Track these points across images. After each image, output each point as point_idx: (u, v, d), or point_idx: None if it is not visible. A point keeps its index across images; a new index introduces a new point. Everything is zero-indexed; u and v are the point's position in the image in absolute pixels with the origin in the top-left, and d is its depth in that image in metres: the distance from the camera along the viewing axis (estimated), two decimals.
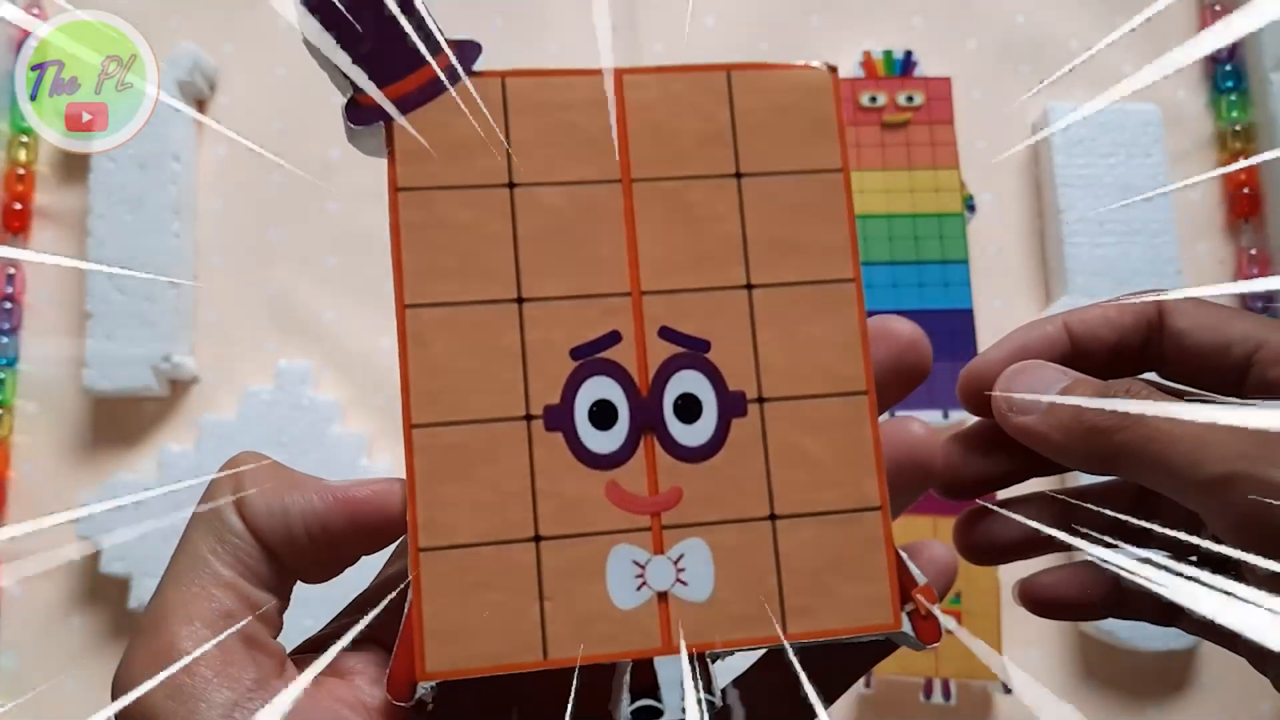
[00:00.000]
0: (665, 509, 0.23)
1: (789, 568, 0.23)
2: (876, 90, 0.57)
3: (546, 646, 0.22)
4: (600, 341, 0.23)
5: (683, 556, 0.23)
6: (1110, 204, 0.57)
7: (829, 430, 0.24)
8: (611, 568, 0.23)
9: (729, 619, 0.23)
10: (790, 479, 0.23)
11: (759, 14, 0.62)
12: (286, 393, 0.53)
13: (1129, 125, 0.58)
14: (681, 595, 0.23)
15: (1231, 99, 0.61)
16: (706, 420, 0.23)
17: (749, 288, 0.24)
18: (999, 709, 0.53)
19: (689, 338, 0.24)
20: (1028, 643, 0.54)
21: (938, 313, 0.55)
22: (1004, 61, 0.62)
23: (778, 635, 0.23)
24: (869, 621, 0.23)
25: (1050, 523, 0.27)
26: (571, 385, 0.23)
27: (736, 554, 0.23)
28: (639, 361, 0.23)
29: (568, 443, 0.23)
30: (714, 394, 0.23)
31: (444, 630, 0.22)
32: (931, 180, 0.56)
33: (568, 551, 0.23)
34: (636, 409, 0.23)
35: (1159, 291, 0.27)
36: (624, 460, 0.23)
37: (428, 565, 0.22)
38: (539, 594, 0.22)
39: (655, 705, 0.22)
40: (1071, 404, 0.25)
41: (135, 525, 0.51)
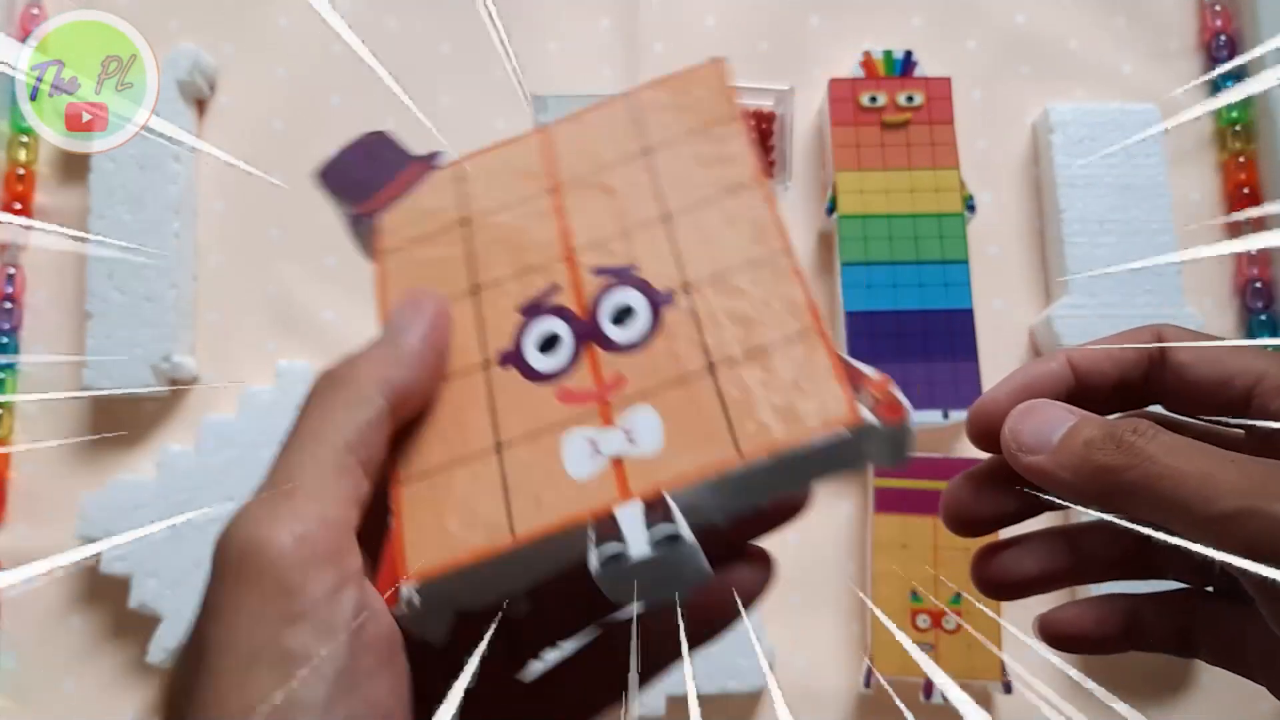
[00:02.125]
0: (610, 393, 0.26)
1: (734, 402, 0.25)
2: (876, 90, 0.57)
3: (513, 526, 0.24)
4: (543, 294, 0.28)
5: (631, 423, 0.25)
6: (1110, 204, 0.57)
7: (751, 290, 0.27)
8: (566, 448, 0.25)
9: (682, 460, 0.24)
10: (723, 336, 0.26)
11: (759, 14, 0.62)
12: (286, 393, 0.53)
13: (1129, 125, 0.58)
14: (633, 454, 0.25)
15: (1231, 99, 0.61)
16: (640, 319, 0.27)
17: (665, 217, 0.29)
18: (999, 709, 0.53)
19: (617, 267, 0.28)
20: (1027, 643, 0.54)
21: (938, 313, 0.55)
22: (1004, 61, 0.62)
23: (734, 459, 0.24)
24: (828, 419, 0.24)
25: (1063, 557, 0.28)
26: (521, 331, 0.28)
27: (682, 408, 0.25)
28: (577, 296, 0.28)
29: (520, 371, 0.27)
30: (644, 298, 0.27)
31: (421, 539, 0.25)
32: (931, 180, 0.56)
33: (525, 447, 0.26)
34: (578, 329, 0.27)
35: (1161, 326, 0.28)
36: (569, 369, 0.27)
37: (405, 494, 0.26)
38: (504, 488, 0.25)
39: (620, 550, 0.23)
40: (1079, 443, 0.25)
41: (135, 525, 0.51)
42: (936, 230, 0.56)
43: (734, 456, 0.24)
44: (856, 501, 0.56)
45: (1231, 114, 0.61)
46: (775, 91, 0.56)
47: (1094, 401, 0.27)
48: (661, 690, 0.51)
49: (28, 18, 0.59)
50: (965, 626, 0.51)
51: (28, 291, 0.57)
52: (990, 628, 0.51)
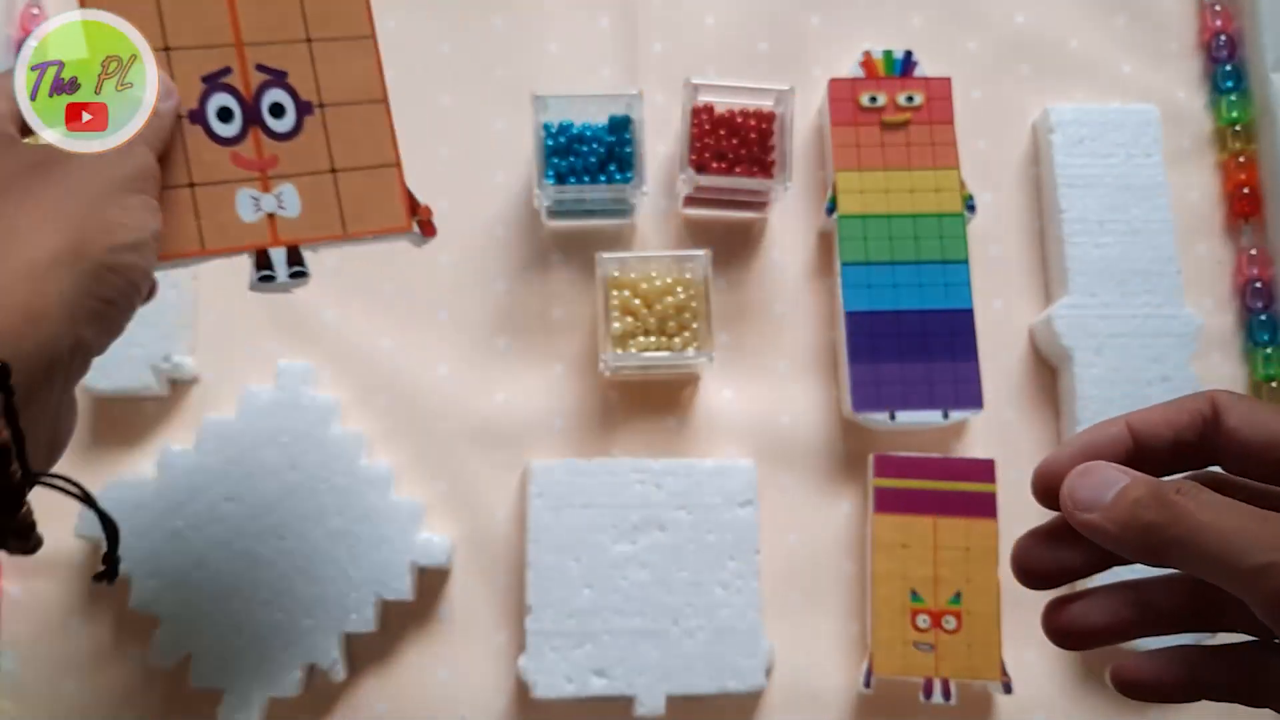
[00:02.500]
0: (269, 168, 0.40)
1: (344, 195, 0.41)
2: (877, 90, 0.57)
3: (203, 242, 0.39)
4: (218, 72, 0.40)
5: (281, 193, 0.40)
6: (1110, 204, 0.57)
7: (363, 123, 0.42)
8: (238, 199, 0.40)
9: (310, 225, 0.41)
10: (342, 148, 0.41)
11: (759, 14, 0.62)
12: (286, 392, 0.53)
13: (1129, 125, 0.58)
14: (281, 214, 0.40)
15: (1231, 99, 0.61)
16: (289, 118, 0.41)
17: (309, 40, 0.41)
18: (999, 709, 0.53)
19: (274, 70, 0.40)
20: (1027, 643, 0.54)
21: (938, 312, 0.55)
22: (1004, 61, 0.62)
23: (340, 234, 0.41)
24: (393, 224, 0.42)
25: (1129, 610, 0.30)
26: (202, 98, 0.39)
27: (313, 191, 0.41)
28: (244, 83, 0.40)
29: (205, 131, 0.39)
30: (293, 102, 0.41)
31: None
32: (932, 180, 0.56)
33: (210, 191, 0.39)
34: (245, 111, 0.40)
35: (1216, 392, 0.30)
36: (240, 141, 0.40)
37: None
38: (195, 214, 0.39)
39: (270, 274, 0.40)
40: (1128, 501, 0.28)
41: (135, 524, 0.51)
42: (937, 230, 0.56)
43: (340, 233, 0.41)
44: (856, 501, 0.56)
45: (1231, 114, 0.61)
46: (775, 91, 0.56)
47: (1153, 463, 0.30)
48: (662, 690, 0.51)
49: (28, 17, 0.59)
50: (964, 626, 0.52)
51: None
52: (990, 628, 0.52)
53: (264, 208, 0.40)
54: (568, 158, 0.55)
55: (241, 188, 0.39)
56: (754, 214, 0.59)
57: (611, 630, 0.51)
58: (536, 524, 0.52)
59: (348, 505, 0.52)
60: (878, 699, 0.53)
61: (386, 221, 0.42)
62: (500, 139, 0.59)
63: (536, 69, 0.61)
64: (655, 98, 0.59)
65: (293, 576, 0.51)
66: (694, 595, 0.52)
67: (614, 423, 0.56)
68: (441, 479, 0.55)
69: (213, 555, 0.51)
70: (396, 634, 0.53)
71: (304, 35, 0.41)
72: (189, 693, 0.51)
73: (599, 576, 0.52)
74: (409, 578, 0.51)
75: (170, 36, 0.39)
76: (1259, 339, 0.58)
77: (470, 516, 0.55)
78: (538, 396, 0.56)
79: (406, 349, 0.57)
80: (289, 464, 0.52)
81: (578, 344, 0.57)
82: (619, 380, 0.57)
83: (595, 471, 0.53)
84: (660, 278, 0.54)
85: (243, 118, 0.40)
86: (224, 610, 0.50)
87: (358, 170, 0.41)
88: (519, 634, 0.53)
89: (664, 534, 0.53)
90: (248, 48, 0.40)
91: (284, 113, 0.40)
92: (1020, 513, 0.55)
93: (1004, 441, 0.56)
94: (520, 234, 0.59)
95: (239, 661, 0.50)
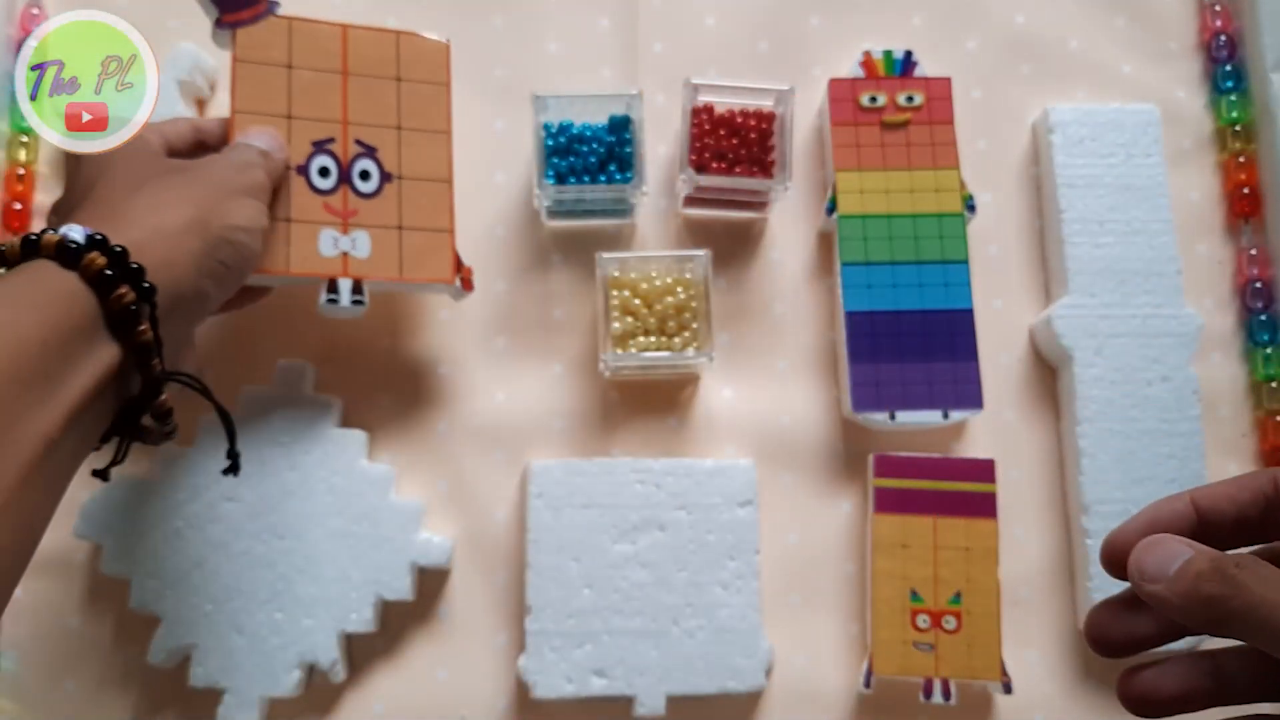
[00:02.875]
0: (350, 217, 0.50)
1: (405, 248, 0.51)
2: (877, 90, 0.57)
3: (289, 264, 0.49)
4: (325, 140, 0.51)
5: (356, 238, 0.50)
6: (1110, 204, 0.57)
7: (430, 196, 0.52)
8: (321, 237, 0.50)
9: (374, 266, 0.50)
10: (410, 212, 0.52)
11: (759, 14, 0.62)
12: (287, 392, 0.53)
13: (1129, 125, 0.58)
14: (353, 254, 0.50)
15: (1231, 99, 0.61)
16: (373, 183, 0.51)
17: (399, 128, 0.52)
18: (999, 709, 0.53)
19: (368, 145, 0.51)
20: (1027, 643, 0.54)
21: (938, 312, 0.55)
22: (1004, 62, 0.62)
23: (398, 276, 0.51)
24: (440, 277, 0.52)
25: (1204, 678, 0.31)
26: (309, 157, 0.50)
27: (382, 241, 0.51)
28: (343, 151, 0.51)
29: (306, 182, 0.50)
30: (379, 171, 0.51)
31: None
32: (932, 180, 0.56)
33: (302, 227, 0.49)
34: (340, 172, 0.51)
35: (1277, 470, 0.32)
36: (332, 194, 0.50)
37: None
38: (287, 243, 0.49)
39: (335, 298, 0.49)
40: (1192, 574, 0.29)
41: (135, 525, 0.51)
42: (937, 230, 0.56)
43: (397, 275, 0.51)
44: (856, 501, 0.56)
45: (1231, 114, 0.61)
46: (775, 91, 0.56)
47: (1218, 537, 0.31)
48: (662, 690, 0.51)
49: (28, 18, 0.59)
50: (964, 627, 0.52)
51: None
52: (990, 628, 0.52)
53: (340, 247, 0.50)
54: (568, 158, 0.55)
55: (326, 228, 0.50)
56: (754, 214, 0.59)
57: (611, 630, 0.51)
58: (536, 524, 0.52)
59: (348, 505, 0.52)
60: (878, 699, 0.53)
61: (435, 274, 0.51)
62: (500, 139, 0.59)
63: (537, 69, 0.61)
64: (655, 98, 0.59)
65: (292, 576, 0.51)
66: (694, 595, 0.52)
67: (614, 423, 0.56)
68: (441, 479, 0.55)
69: (213, 555, 0.51)
70: (396, 634, 0.53)
71: (396, 124, 0.52)
72: (189, 692, 0.51)
73: (599, 577, 0.52)
74: (409, 578, 0.51)
75: (294, 108, 0.50)
76: (1259, 339, 0.58)
77: (470, 517, 0.55)
78: (538, 396, 0.56)
79: (406, 349, 0.57)
80: (289, 464, 0.52)
81: (578, 344, 0.57)
82: (619, 380, 0.57)
83: (595, 471, 0.53)
84: (660, 278, 0.54)
85: (337, 177, 0.50)
86: (224, 610, 0.50)
87: (419, 230, 0.51)
88: (519, 634, 0.53)
89: (664, 534, 0.53)
90: (350, 125, 0.51)
91: (370, 178, 0.51)
92: (1019, 513, 0.56)
93: (1004, 442, 0.57)
94: (520, 234, 0.59)
95: (239, 661, 0.50)
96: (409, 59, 0.53)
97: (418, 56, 0.53)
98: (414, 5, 0.61)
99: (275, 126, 0.49)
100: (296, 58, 0.51)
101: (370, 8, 0.61)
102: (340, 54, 0.52)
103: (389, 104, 0.52)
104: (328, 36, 0.52)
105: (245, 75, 0.50)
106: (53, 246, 0.36)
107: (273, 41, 0.51)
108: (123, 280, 0.37)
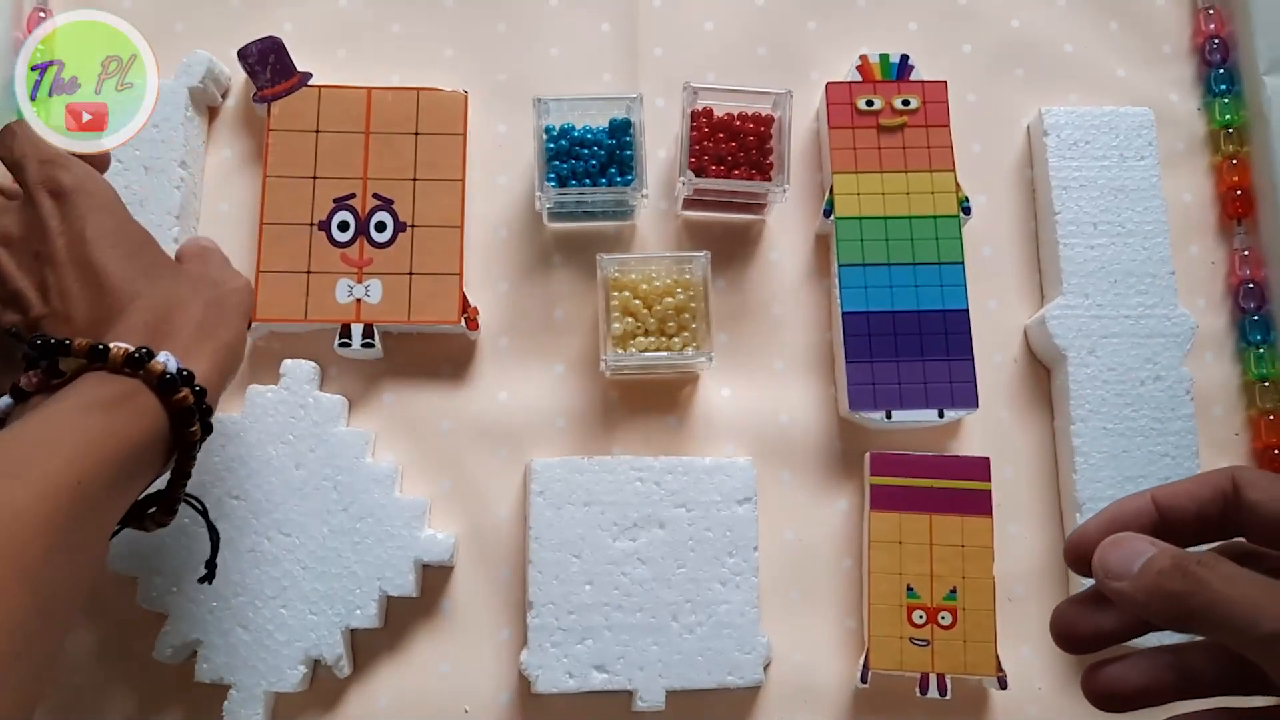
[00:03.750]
0: (365, 267, 0.55)
1: (415, 292, 0.55)
2: (873, 94, 0.58)
3: (306, 313, 0.54)
4: (346, 196, 0.56)
5: (369, 286, 0.55)
6: (1104, 206, 0.58)
7: (441, 242, 0.56)
8: (338, 286, 0.55)
9: (384, 311, 0.55)
10: (421, 258, 0.55)
11: (757, 18, 0.63)
12: (291, 392, 0.54)
13: (1123, 128, 0.59)
14: (365, 300, 0.55)
15: (1224, 102, 0.62)
16: (388, 233, 0.55)
17: (415, 180, 0.56)
18: (994, 704, 0.54)
19: (385, 198, 0.56)
20: (1022, 639, 0.55)
21: (934, 313, 0.55)
22: (999, 65, 0.63)
23: (406, 319, 0.55)
24: (446, 318, 0.55)
25: (1168, 673, 0.32)
26: (330, 214, 0.55)
27: (392, 286, 0.55)
28: (361, 205, 0.56)
29: (325, 235, 0.55)
30: (394, 222, 0.55)
31: (264, 302, 0.55)
32: (927, 183, 0.57)
33: (320, 278, 0.55)
34: (358, 225, 0.55)
35: (1238, 469, 0.32)
36: (350, 245, 0.55)
37: (261, 281, 0.55)
38: (306, 293, 0.54)
39: (347, 342, 0.54)
40: (1154, 571, 0.30)
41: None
42: (932, 232, 0.56)
43: (405, 319, 0.55)
44: (853, 499, 0.56)
45: (1224, 116, 0.61)
46: (773, 95, 0.57)
47: (1180, 534, 0.32)
48: (661, 685, 0.51)
49: (35, 19, 0.60)
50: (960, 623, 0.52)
51: None
52: (985, 624, 0.52)
53: (354, 294, 0.54)
54: (569, 161, 0.56)
55: (342, 278, 0.55)
56: (752, 216, 0.59)
57: (612, 626, 0.52)
58: (538, 521, 0.53)
59: (352, 503, 0.52)
60: (874, 694, 0.53)
61: (441, 315, 0.55)
62: (503, 142, 0.60)
63: (538, 73, 0.61)
64: (655, 101, 0.60)
65: (298, 573, 0.52)
66: (693, 591, 0.52)
67: (614, 422, 0.57)
68: (445, 477, 0.56)
69: (219, 552, 0.51)
70: (400, 629, 0.54)
71: (412, 176, 0.56)
72: (195, 688, 0.51)
73: (599, 573, 0.52)
74: (413, 574, 0.52)
75: (319, 169, 0.56)
76: (1252, 339, 0.59)
77: (473, 514, 0.56)
78: (539, 396, 0.57)
79: (409, 349, 0.58)
80: (294, 462, 0.53)
81: (579, 344, 0.58)
82: (619, 380, 0.57)
83: (596, 470, 0.54)
84: (660, 279, 0.55)
85: (355, 230, 0.55)
86: (230, 606, 0.51)
87: (429, 275, 0.55)
88: (521, 629, 0.53)
89: (664, 531, 0.53)
90: (370, 180, 0.56)
91: (385, 229, 0.55)
92: (1014, 510, 0.56)
93: (999, 440, 0.57)
94: (522, 236, 0.59)
95: (245, 657, 0.51)
96: (427, 112, 0.57)
97: (435, 108, 0.57)
98: (418, 11, 0.62)
99: (301, 187, 0.55)
100: (324, 122, 0.56)
101: (374, 15, 0.62)
102: (364, 116, 0.56)
103: (406, 157, 0.56)
104: (353, 100, 0.56)
105: (278, 143, 0.56)
106: (120, 360, 0.40)
107: (304, 110, 0.56)
108: (195, 416, 0.41)
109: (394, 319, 0.54)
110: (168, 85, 0.57)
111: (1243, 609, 0.28)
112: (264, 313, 0.54)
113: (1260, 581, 0.28)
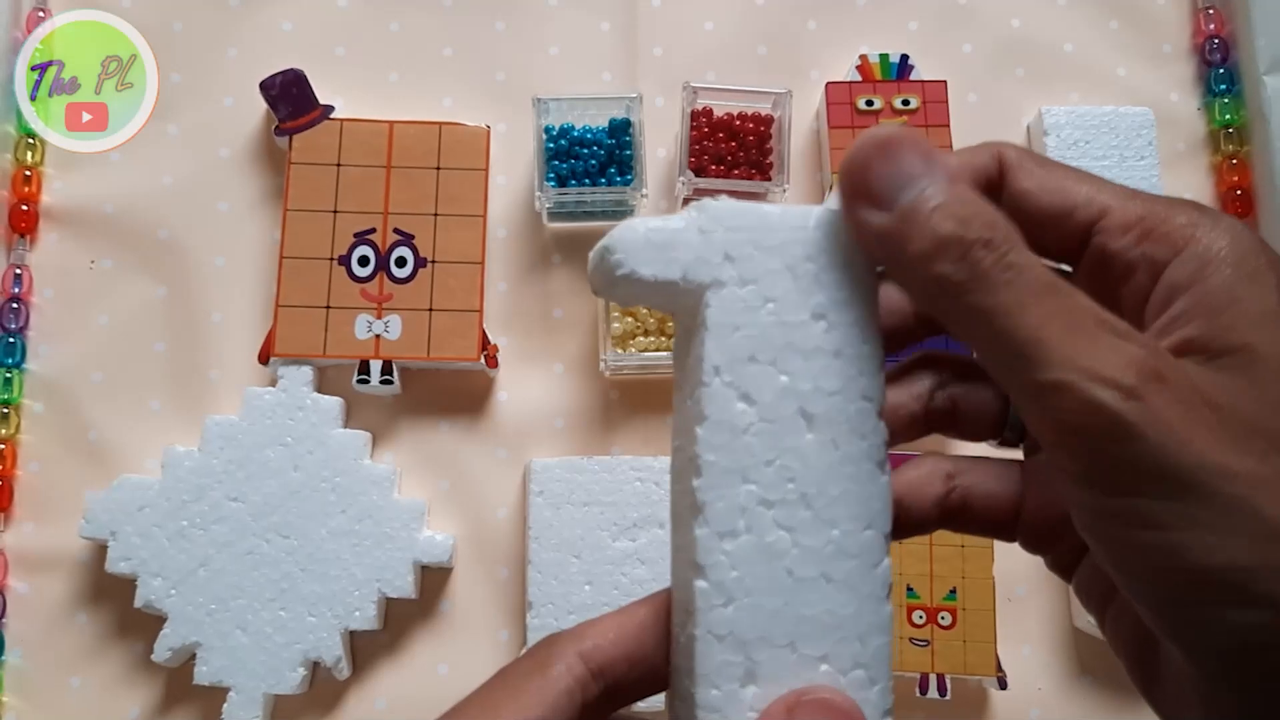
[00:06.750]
0: (385, 302, 0.54)
1: (435, 328, 0.54)
2: (873, 94, 0.58)
3: (325, 349, 0.54)
4: (366, 231, 0.55)
5: (388, 321, 0.54)
6: None
7: (462, 278, 0.55)
8: (357, 322, 0.54)
9: (403, 347, 0.54)
10: (441, 295, 0.54)
11: (757, 18, 0.63)
12: (289, 394, 0.54)
13: (1123, 127, 0.59)
14: (385, 336, 0.54)
15: (1225, 102, 0.62)
16: (409, 268, 0.54)
17: (435, 215, 0.55)
18: (994, 704, 0.54)
19: (406, 233, 0.55)
20: (1023, 639, 0.55)
21: None
22: (999, 65, 0.63)
23: (425, 356, 0.54)
24: (466, 355, 0.54)
25: (936, 388, 0.27)
26: (351, 248, 0.55)
27: (412, 323, 0.54)
28: (382, 239, 0.55)
29: (345, 270, 0.54)
30: (414, 257, 0.55)
31: (285, 338, 0.54)
32: None
33: (340, 313, 0.54)
34: (378, 260, 0.54)
35: (1002, 145, 0.24)
36: (370, 280, 0.54)
37: (282, 314, 0.54)
38: (325, 328, 0.54)
39: (366, 378, 0.54)
40: (927, 211, 0.21)
41: (140, 525, 0.52)
42: None
43: (424, 355, 0.54)
44: None
45: (1224, 116, 0.61)
46: (773, 95, 0.57)
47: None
48: None
49: (34, 19, 0.59)
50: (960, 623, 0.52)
51: (34, 293, 0.57)
52: (985, 624, 0.52)
53: (374, 330, 0.54)
54: (568, 161, 0.56)
55: (362, 314, 0.54)
56: None
57: None
58: (537, 521, 0.53)
59: (351, 504, 0.52)
60: None
61: (461, 352, 0.54)
62: (502, 142, 0.60)
63: (537, 72, 0.61)
64: (655, 101, 0.60)
65: (296, 575, 0.51)
66: None
67: (614, 422, 0.57)
68: (443, 478, 0.56)
69: (217, 554, 0.51)
70: (399, 631, 0.54)
71: (433, 211, 0.55)
72: (194, 690, 0.51)
73: (599, 573, 0.52)
74: (411, 575, 0.52)
75: (340, 203, 0.55)
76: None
77: (472, 515, 0.55)
78: (539, 396, 0.57)
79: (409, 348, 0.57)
80: (292, 464, 0.53)
81: (578, 344, 0.58)
82: (619, 380, 0.57)
83: (595, 470, 0.54)
84: None
85: (375, 264, 0.54)
86: (228, 608, 0.51)
87: (449, 311, 0.54)
88: (520, 630, 0.53)
89: (663, 531, 0.53)
90: (390, 215, 0.55)
91: (406, 264, 0.54)
92: None
93: None
94: (522, 235, 0.59)
95: (243, 659, 0.51)
96: (449, 146, 0.56)
97: (457, 143, 0.56)
98: (417, 10, 0.62)
99: (322, 221, 0.54)
100: (345, 156, 0.55)
101: (373, 14, 0.62)
102: (386, 150, 0.55)
103: (428, 192, 0.55)
104: (374, 134, 0.56)
105: (299, 177, 0.55)
106: None
107: (325, 143, 0.55)
108: None
109: (412, 355, 0.54)
110: None
111: (1028, 338, 0.20)
112: (282, 348, 0.53)
113: (1065, 306, 0.20)
